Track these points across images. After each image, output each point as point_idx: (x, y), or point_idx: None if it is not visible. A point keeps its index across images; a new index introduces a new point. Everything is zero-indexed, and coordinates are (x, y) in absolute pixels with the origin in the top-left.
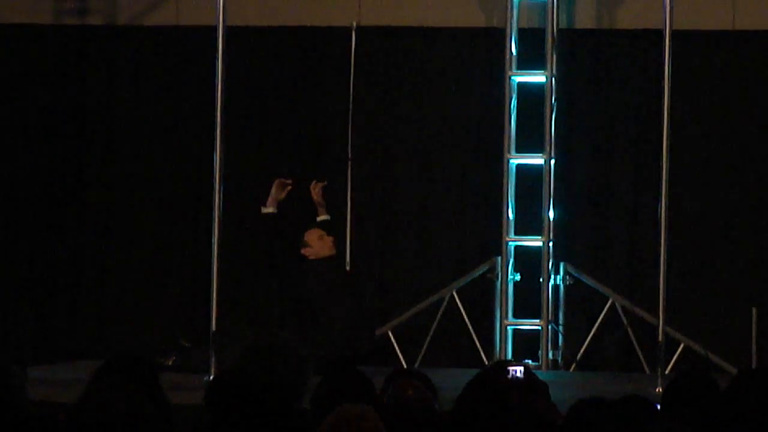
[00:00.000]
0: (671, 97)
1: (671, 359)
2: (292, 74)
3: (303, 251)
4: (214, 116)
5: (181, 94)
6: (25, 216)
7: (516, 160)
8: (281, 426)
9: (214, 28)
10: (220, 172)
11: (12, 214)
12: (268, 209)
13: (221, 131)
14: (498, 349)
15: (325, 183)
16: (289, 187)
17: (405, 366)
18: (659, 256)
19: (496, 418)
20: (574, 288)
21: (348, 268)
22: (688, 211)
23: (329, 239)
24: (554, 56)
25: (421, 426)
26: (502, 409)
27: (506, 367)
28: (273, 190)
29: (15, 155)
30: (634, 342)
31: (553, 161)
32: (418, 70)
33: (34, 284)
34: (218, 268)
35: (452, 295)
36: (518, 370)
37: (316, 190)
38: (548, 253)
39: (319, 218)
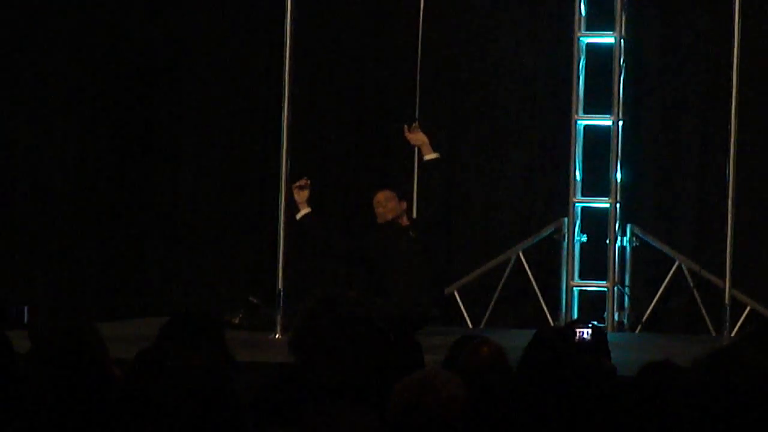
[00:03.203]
0: (740, 58)
1: (737, 322)
2: (359, 32)
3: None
4: (282, 70)
5: (250, 42)
6: (93, 175)
7: (584, 122)
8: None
9: None
10: (288, 129)
11: (80, 173)
12: (302, 213)
13: (289, 88)
14: (564, 310)
15: (417, 123)
16: (307, 184)
17: (470, 326)
18: (726, 218)
19: (559, 376)
20: (640, 250)
21: (412, 233)
22: (757, 173)
23: (394, 202)
24: (623, 17)
25: (496, 383)
26: (566, 369)
27: (574, 329)
28: (295, 197)
29: (83, 114)
30: (700, 304)
31: (620, 122)
32: (486, 29)
33: (103, 242)
34: (286, 226)
35: (518, 256)
36: (585, 332)
37: (412, 135)
38: (615, 214)
39: (427, 157)
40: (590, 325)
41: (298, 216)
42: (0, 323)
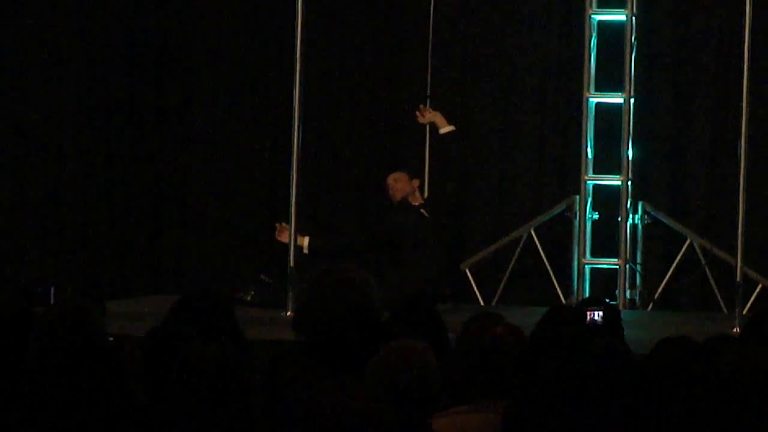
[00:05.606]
0: (752, 35)
1: (749, 300)
2: (371, 11)
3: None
4: (294, 50)
5: (262, 24)
6: (104, 153)
7: (595, 99)
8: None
9: None
10: (299, 107)
11: (92, 152)
12: (305, 245)
13: (301, 67)
14: (575, 287)
15: (424, 105)
16: (285, 227)
17: (482, 303)
18: (738, 195)
19: (569, 356)
20: (652, 227)
21: (424, 211)
22: None
23: (403, 182)
24: None
25: (509, 362)
26: (576, 349)
27: (585, 310)
28: (286, 241)
29: (96, 94)
30: (712, 282)
31: (632, 100)
32: (498, 7)
33: (115, 219)
34: (297, 204)
35: (530, 234)
36: (597, 314)
37: (424, 117)
38: (626, 191)
39: (443, 131)
40: (602, 306)
41: (305, 250)
42: (26, 303)
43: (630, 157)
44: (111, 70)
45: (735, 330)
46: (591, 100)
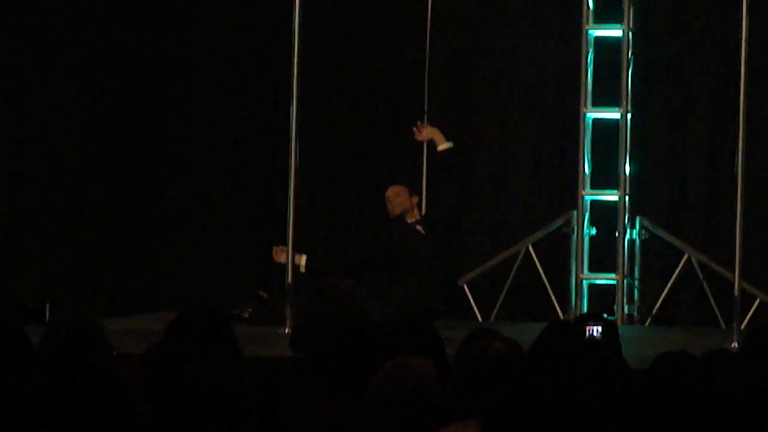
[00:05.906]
0: (749, 50)
1: (747, 314)
2: (368, 26)
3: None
4: (291, 65)
5: (259, 37)
6: (101, 167)
7: (592, 114)
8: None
9: None
10: (296, 122)
11: (89, 165)
12: (302, 264)
13: (298, 78)
14: (573, 303)
15: (421, 122)
16: (283, 249)
17: (480, 319)
18: (736, 210)
19: (568, 371)
20: (649, 242)
21: (420, 227)
22: (766, 165)
23: (402, 197)
24: (631, 10)
25: (509, 377)
26: (575, 365)
27: (584, 326)
28: (284, 260)
29: (92, 105)
30: (710, 297)
31: (629, 115)
32: (495, 23)
33: (111, 236)
34: (295, 222)
35: (528, 249)
36: (596, 330)
37: (421, 134)
38: (624, 207)
39: (441, 148)
40: (601, 322)
41: (302, 269)
42: (20, 320)
43: (627, 173)
44: (108, 89)
45: (733, 345)
46: (588, 115)
